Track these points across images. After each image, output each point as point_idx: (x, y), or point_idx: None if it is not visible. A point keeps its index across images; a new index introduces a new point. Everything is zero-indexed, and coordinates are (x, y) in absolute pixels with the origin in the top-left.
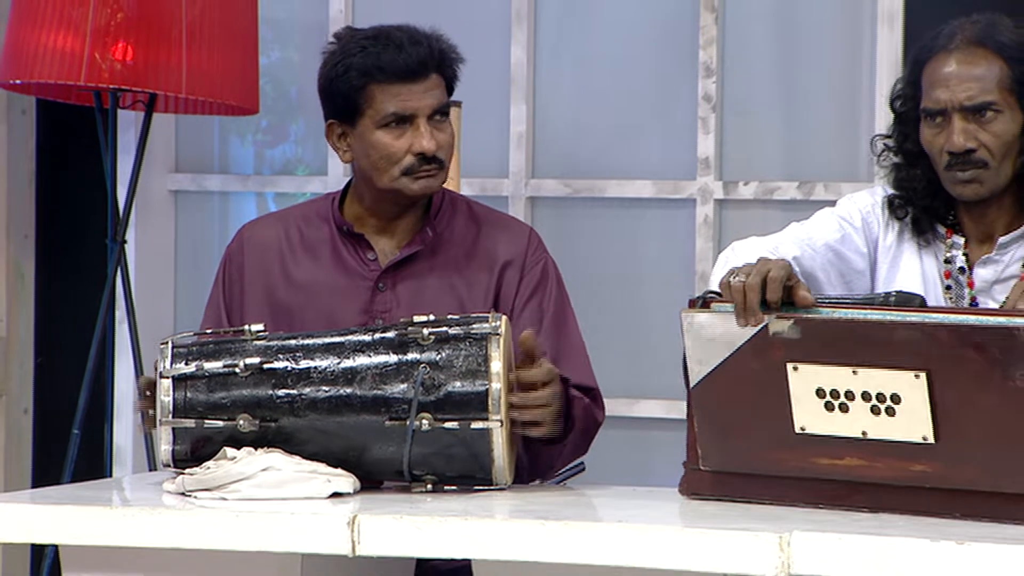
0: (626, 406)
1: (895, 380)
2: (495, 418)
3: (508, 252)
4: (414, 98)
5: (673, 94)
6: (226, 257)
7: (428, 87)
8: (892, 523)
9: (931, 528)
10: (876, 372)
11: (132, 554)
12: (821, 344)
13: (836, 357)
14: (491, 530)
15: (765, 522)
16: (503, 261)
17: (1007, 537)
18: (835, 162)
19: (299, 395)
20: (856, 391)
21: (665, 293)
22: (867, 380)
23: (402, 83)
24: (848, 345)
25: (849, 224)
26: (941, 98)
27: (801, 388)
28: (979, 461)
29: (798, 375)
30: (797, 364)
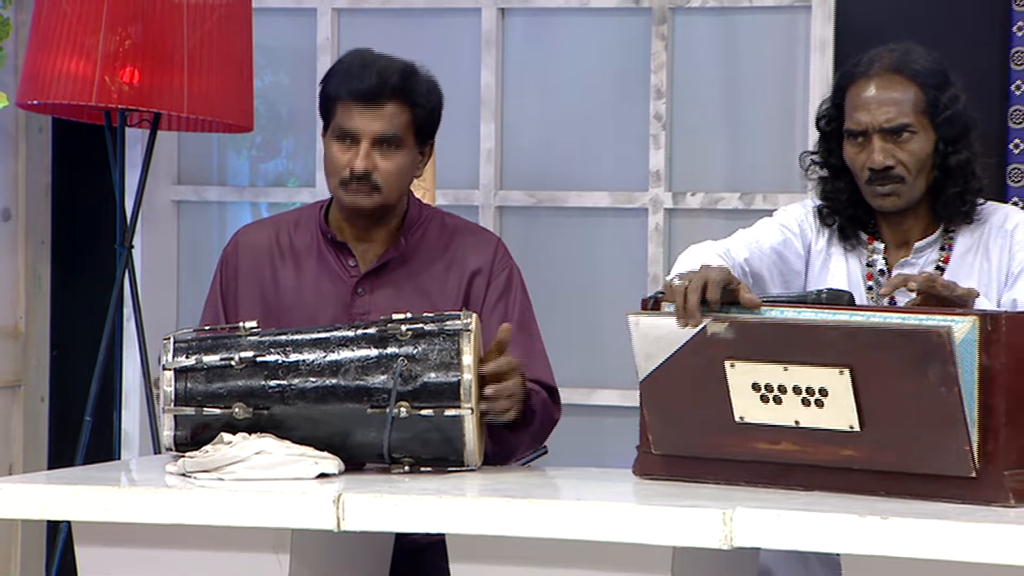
0: (584, 395)
1: (822, 376)
2: (466, 406)
3: (477, 261)
4: (362, 120)
5: (627, 113)
6: (223, 259)
7: (379, 115)
8: (824, 500)
9: (858, 505)
10: (805, 369)
11: (138, 529)
12: (754, 344)
13: (768, 356)
14: (463, 507)
15: (710, 500)
16: (472, 269)
17: (925, 513)
18: (773, 175)
19: (289, 385)
20: (788, 385)
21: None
22: (797, 376)
23: (355, 104)
24: (779, 345)
25: (788, 231)
26: (863, 120)
27: (738, 382)
28: (900, 447)
29: (735, 371)
30: (734, 361)
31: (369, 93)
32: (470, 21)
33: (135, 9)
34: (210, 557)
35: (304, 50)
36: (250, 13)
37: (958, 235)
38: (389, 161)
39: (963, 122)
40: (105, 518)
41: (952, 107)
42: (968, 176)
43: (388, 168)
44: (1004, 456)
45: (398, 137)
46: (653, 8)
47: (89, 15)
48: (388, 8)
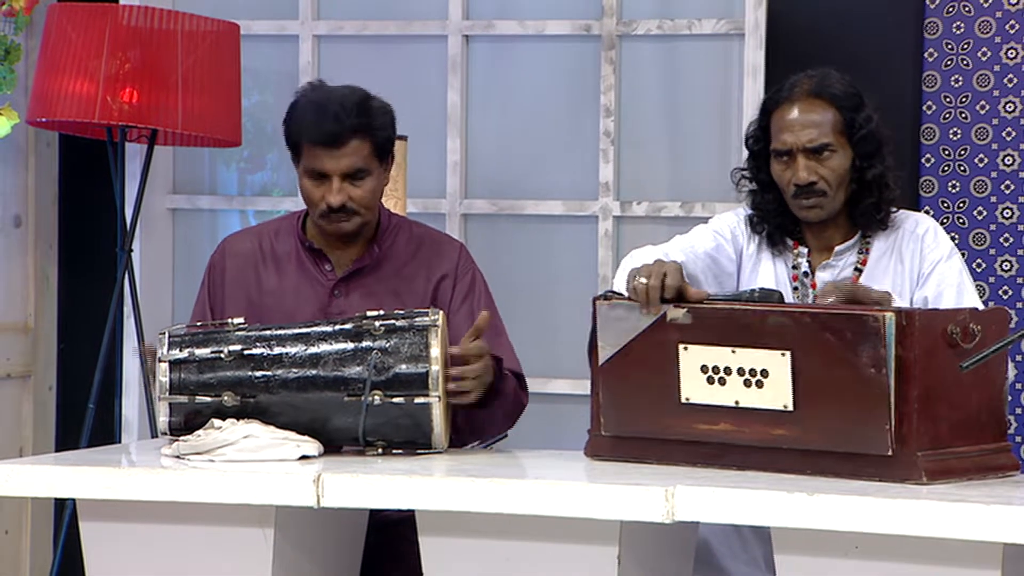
0: (541, 384)
1: (765, 358)
2: (434, 394)
3: (442, 266)
4: (329, 162)
5: (580, 130)
6: (210, 264)
7: (344, 153)
8: (756, 479)
9: (788, 482)
10: (751, 351)
11: (137, 506)
12: (708, 328)
13: (719, 339)
14: (431, 486)
15: (654, 478)
16: (439, 274)
17: (849, 490)
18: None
19: (273, 376)
20: (733, 367)
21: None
22: (743, 358)
23: (319, 147)
24: (730, 329)
25: (721, 236)
26: (787, 140)
27: (688, 364)
28: (829, 426)
29: (687, 354)
30: (687, 345)
31: (330, 138)
32: (438, 47)
33: (134, 36)
34: (202, 531)
35: (287, 72)
36: (238, 39)
37: (874, 240)
38: (360, 189)
39: (877, 139)
40: (107, 496)
41: (867, 126)
42: (883, 187)
43: (361, 195)
44: (917, 439)
45: (364, 168)
46: (603, 35)
47: (92, 41)
48: (363, 35)
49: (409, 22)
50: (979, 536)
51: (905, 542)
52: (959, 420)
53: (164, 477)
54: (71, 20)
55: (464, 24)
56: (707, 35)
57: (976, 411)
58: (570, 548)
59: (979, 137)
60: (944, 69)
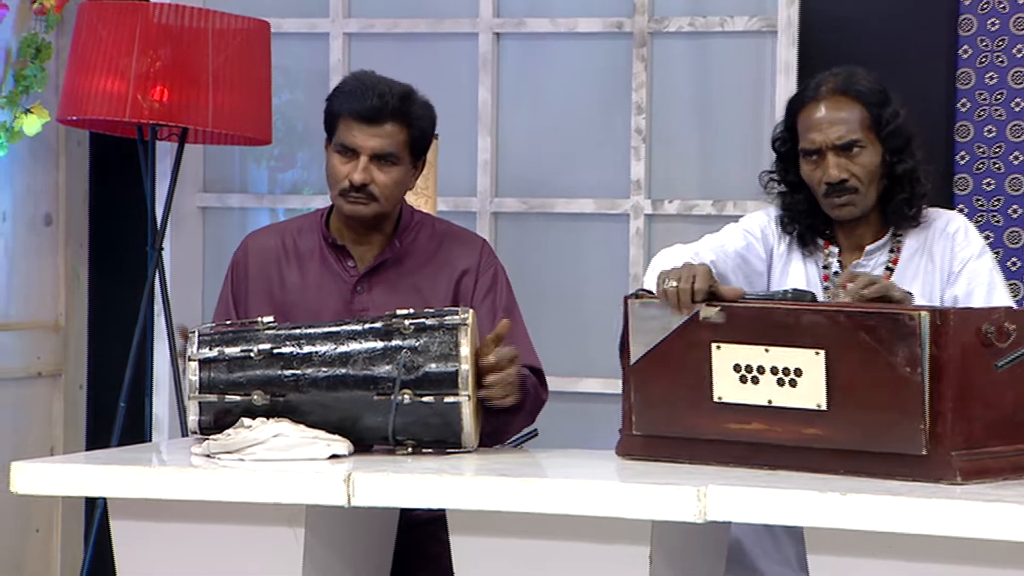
0: (571, 383)
1: (799, 357)
2: (464, 393)
3: (464, 262)
4: (361, 137)
5: (611, 128)
6: (233, 262)
7: (378, 133)
8: (789, 478)
9: (820, 482)
10: (784, 350)
11: (167, 505)
12: (741, 327)
13: (752, 338)
14: (461, 485)
15: (686, 477)
16: (460, 269)
17: (882, 490)
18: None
19: (303, 375)
20: (767, 366)
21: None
22: (777, 356)
23: (356, 122)
24: (763, 328)
25: (752, 236)
26: (816, 139)
27: (721, 364)
28: (862, 426)
29: (720, 352)
30: (720, 344)
31: (370, 113)
32: (468, 44)
33: (165, 34)
34: (232, 530)
35: (318, 71)
36: (269, 37)
37: (905, 239)
38: (385, 175)
39: (905, 134)
40: (137, 495)
41: (894, 121)
42: (914, 182)
43: (384, 181)
44: (952, 438)
45: (394, 154)
46: (634, 33)
47: (123, 39)
48: (394, 33)
49: (440, 20)
50: (1015, 537)
51: (939, 543)
52: (994, 420)
53: (194, 476)
54: (102, 18)
55: (495, 22)
56: (739, 32)
57: (1012, 411)
58: (601, 548)
59: (1014, 134)
60: (978, 66)
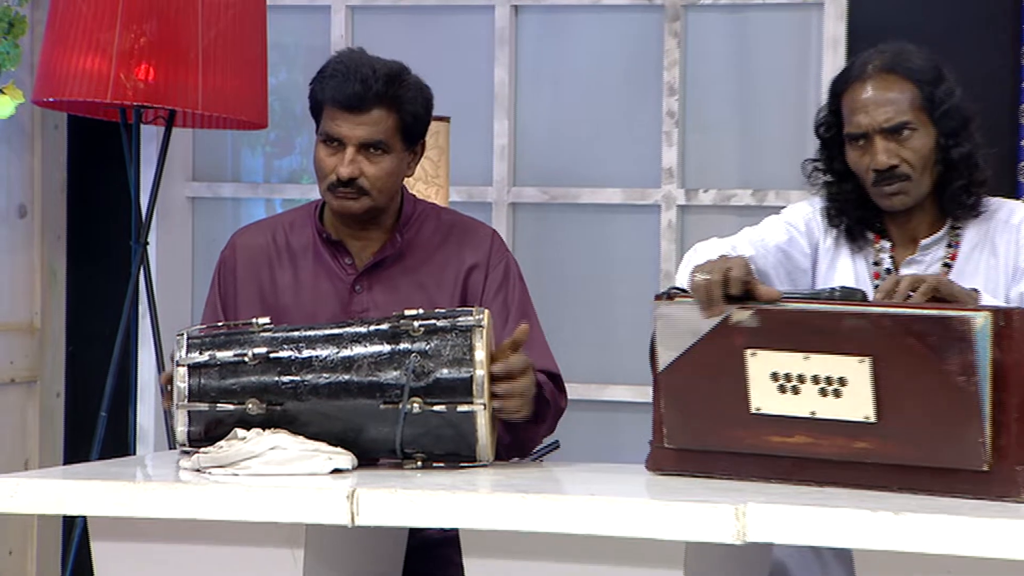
0: (597, 391)
1: (842, 365)
2: (479, 402)
3: (473, 256)
4: (345, 126)
5: (640, 110)
6: (220, 261)
7: (363, 121)
8: (836, 495)
9: (871, 500)
10: (825, 358)
11: (153, 524)
12: (777, 332)
13: (790, 344)
14: (476, 502)
15: (723, 494)
16: (468, 264)
17: (939, 508)
18: (785, 172)
19: (302, 381)
20: (807, 375)
21: (633, 290)
22: (817, 365)
23: (339, 110)
24: (801, 333)
25: (795, 229)
26: (862, 123)
27: (757, 372)
28: (916, 439)
29: (755, 360)
30: (755, 350)
31: (352, 99)
32: (483, 18)
33: (150, 6)
34: (225, 552)
35: (318, 47)
36: (264, 10)
37: (964, 231)
38: (375, 166)
39: (961, 115)
40: (120, 513)
41: (948, 101)
42: (972, 167)
43: (374, 173)
44: (1016, 451)
45: (383, 142)
46: (666, 5)
47: (104, 12)
48: (401, 6)
49: None
50: None
51: (1003, 566)
52: None
53: (183, 493)
54: None
55: None
56: (782, 4)
57: None
58: (630, 571)
59: None
60: None
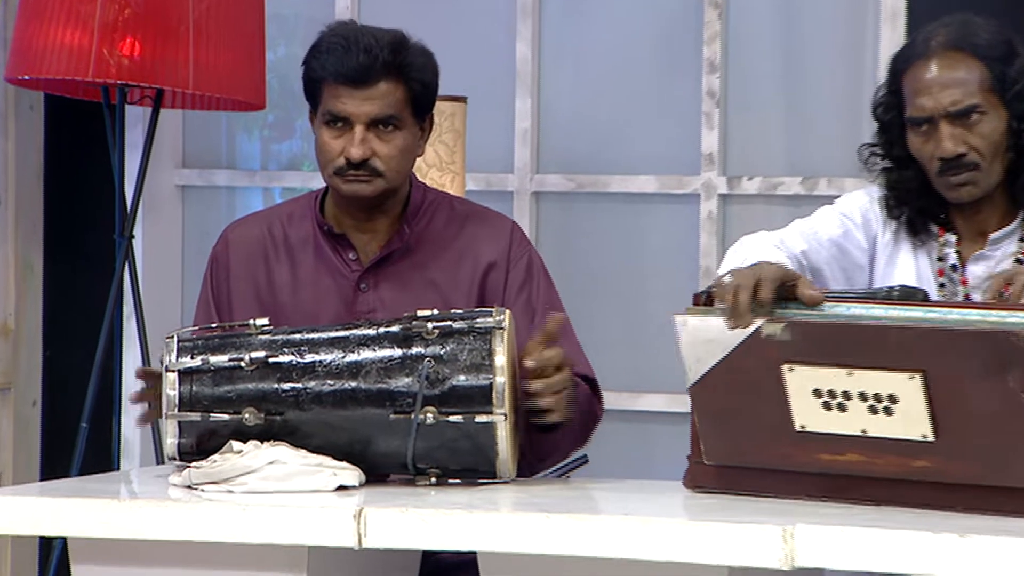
0: (629, 399)
1: (890, 381)
2: (499, 412)
3: (491, 251)
4: (351, 103)
5: (677, 89)
6: (212, 258)
7: (371, 95)
8: (894, 516)
9: (933, 521)
10: (872, 373)
11: (140, 546)
12: (814, 346)
13: (830, 359)
14: (496, 523)
15: (769, 515)
16: (486, 261)
17: (1008, 530)
18: (838, 157)
19: (304, 389)
20: (853, 391)
21: (669, 288)
22: (863, 381)
23: (343, 86)
24: (841, 347)
25: (850, 220)
26: (926, 106)
27: (798, 388)
28: (978, 457)
29: (794, 375)
30: (792, 365)
31: (358, 72)
32: None
33: None
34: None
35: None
36: None
37: None
38: (388, 144)
39: None
40: (104, 534)
41: (1022, 80)
42: None
43: (388, 152)
44: None
45: (395, 117)
46: None
47: None
48: None
49: None
50: None
51: None
52: None
53: (172, 512)
54: None
55: None
56: None
57: None
58: None
59: None
60: None
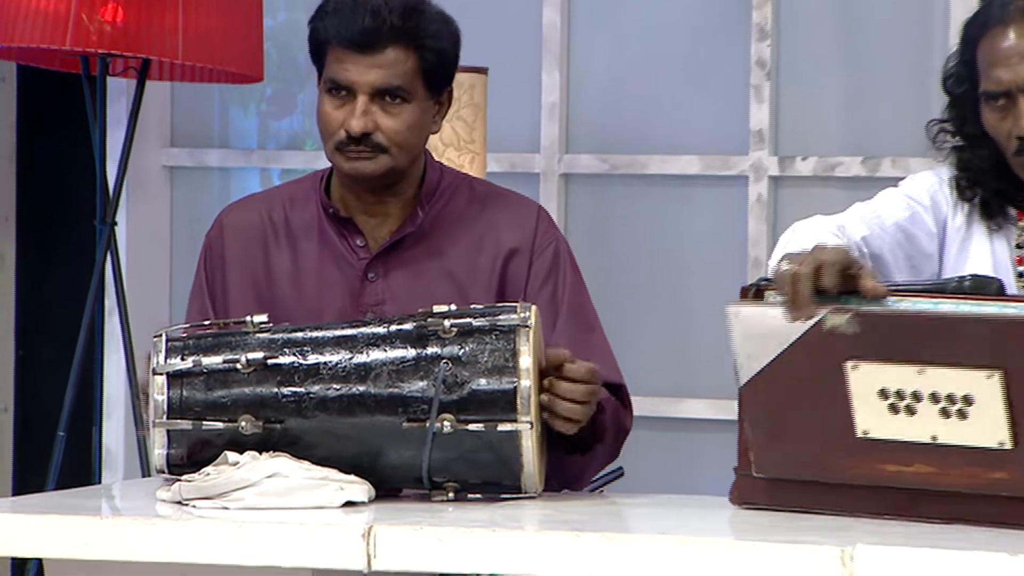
0: (670, 405)
1: (966, 380)
2: (524, 419)
3: (514, 237)
4: (355, 70)
5: (723, 59)
6: (206, 245)
7: (377, 62)
8: (967, 535)
9: (1011, 540)
10: (945, 371)
11: (124, 568)
12: (883, 340)
13: (900, 355)
14: (520, 543)
15: (825, 534)
16: (508, 248)
17: None
18: (904, 135)
19: (307, 394)
20: (923, 392)
21: (714, 281)
22: (935, 380)
23: (348, 51)
24: (913, 342)
25: (917, 203)
26: (1003, 79)
27: (862, 388)
28: None
29: (858, 374)
30: (857, 362)
31: (363, 36)
32: None
33: None
34: None
35: None
36: None
37: None
38: (393, 118)
39: None
40: (84, 555)
41: None
42: None
43: (393, 126)
44: None
45: (403, 88)
46: None
47: None
48: None
49: None
50: None
51: None
52: None
53: (161, 530)
54: None
55: None
56: None
57: None
58: None
59: None
60: None
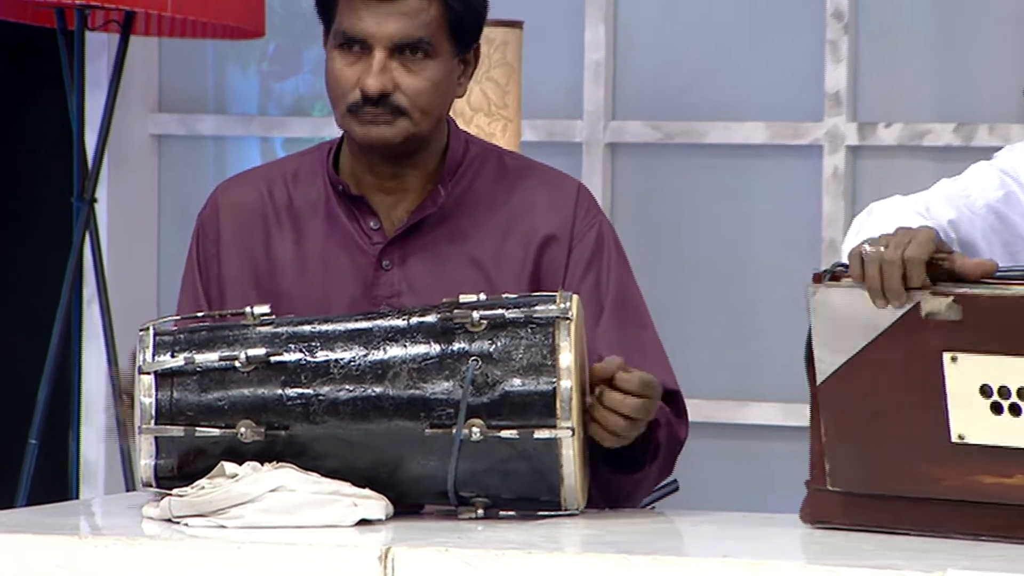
0: (732, 410)
1: None
2: (565, 425)
3: (550, 220)
4: (370, 20)
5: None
6: (199, 226)
7: (396, 10)
8: None
9: None
10: None
11: None
12: (988, 328)
13: (1007, 345)
14: (561, 566)
15: (911, 557)
16: (544, 234)
17: None
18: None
19: (316, 396)
20: None
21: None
22: None
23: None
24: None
25: (1014, 180)
26: None
27: (961, 385)
28: None
29: (957, 368)
30: (956, 354)
31: None
32: None
33: None
34: None
35: None
36: None
37: None
38: (415, 76)
39: None
40: None
41: None
42: None
43: (414, 85)
44: None
45: (425, 42)
46: None
47: None
48: None
49: None
50: None
51: None
52: None
53: (148, 551)
54: None
55: None
56: None
57: None
58: None
59: None
60: None
